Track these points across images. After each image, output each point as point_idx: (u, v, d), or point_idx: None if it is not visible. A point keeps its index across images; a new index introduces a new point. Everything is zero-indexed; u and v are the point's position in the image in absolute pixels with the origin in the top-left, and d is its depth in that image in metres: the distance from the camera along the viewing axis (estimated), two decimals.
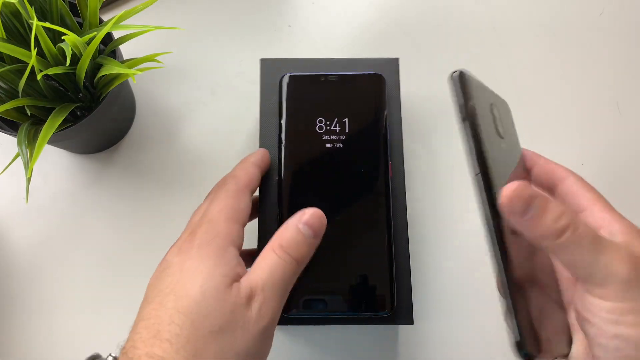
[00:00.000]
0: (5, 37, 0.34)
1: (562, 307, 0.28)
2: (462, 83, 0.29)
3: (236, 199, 0.31)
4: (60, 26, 0.33)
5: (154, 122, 0.47)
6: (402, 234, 0.36)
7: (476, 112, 0.28)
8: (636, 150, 0.46)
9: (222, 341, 0.26)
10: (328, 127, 0.37)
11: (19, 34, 0.36)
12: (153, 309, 0.27)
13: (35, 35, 0.31)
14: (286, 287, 0.29)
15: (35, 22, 0.30)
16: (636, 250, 0.25)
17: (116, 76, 0.36)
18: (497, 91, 0.43)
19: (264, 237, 0.36)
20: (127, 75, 0.35)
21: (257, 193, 0.36)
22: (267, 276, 0.28)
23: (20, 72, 0.34)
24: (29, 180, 0.33)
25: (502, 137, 0.29)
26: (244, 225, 0.31)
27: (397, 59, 0.40)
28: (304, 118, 0.37)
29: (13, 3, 0.32)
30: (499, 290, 0.25)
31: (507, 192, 0.23)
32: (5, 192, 0.45)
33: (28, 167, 0.33)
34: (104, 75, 0.36)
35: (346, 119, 0.37)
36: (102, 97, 0.38)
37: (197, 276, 0.27)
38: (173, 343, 0.25)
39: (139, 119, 0.47)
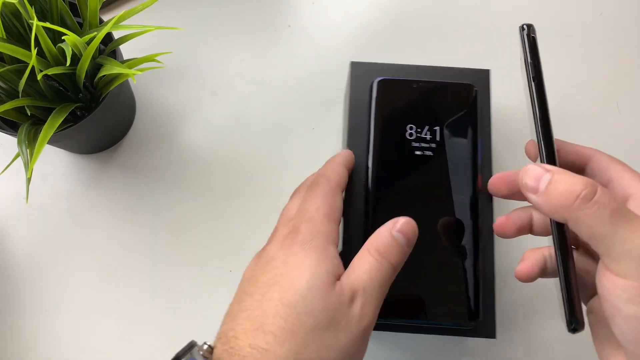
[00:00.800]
0: (5, 37, 0.34)
1: None
2: (532, 40, 0.30)
3: (331, 198, 0.31)
4: (61, 26, 0.33)
5: (154, 122, 0.47)
6: (489, 245, 0.36)
7: (542, 72, 0.30)
8: (636, 150, 0.46)
9: (326, 337, 0.26)
10: (418, 134, 0.36)
11: (19, 34, 0.36)
12: (256, 300, 0.27)
13: (36, 35, 0.31)
14: (383, 290, 0.28)
15: (35, 22, 0.30)
16: None
17: (116, 76, 0.36)
18: None
19: (349, 239, 0.35)
20: (127, 75, 0.35)
21: None
22: (367, 278, 0.28)
23: (21, 72, 0.34)
24: (29, 180, 0.33)
25: None
26: (339, 224, 0.31)
27: (488, 71, 0.39)
28: (394, 123, 0.37)
29: (13, 3, 0.32)
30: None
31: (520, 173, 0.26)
32: (5, 192, 0.45)
33: (28, 167, 0.33)
34: (104, 75, 0.36)
35: (437, 127, 0.36)
36: (102, 97, 0.38)
37: (303, 271, 0.27)
38: (277, 336, 0.25)
39: (139, 119, 0.47)
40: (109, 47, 0.38)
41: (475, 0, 0.51)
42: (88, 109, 0.40)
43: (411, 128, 0.36)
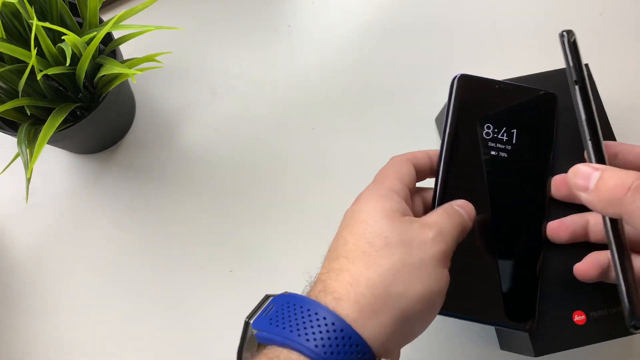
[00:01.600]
0: (5, 37, 0.34)
1: None
2: (574, 44, 0.31)
3: (399, 165, 0.33)
4: (60, 26, 0.33)
5: (154, 122, 0.47)
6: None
7: (586, 75, 0.31)
8: None
9: (397, 253, 0.27)
10: (495, 135, 0.36)
11: (19, 34, 0.36)
12: (333, 243, 0.29)
13: (35, 35, 0.31)
14: (453, 237, 0.30)
15: (35, 22, 0.30)
16: None
17: (116, 76, 0.36)
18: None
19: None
20: (127, 75, 0.35)
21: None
22: (439, 220, 0.30)
23: (20, 72, 0.34)
24: (28, 180, 0.33)
25: None
26: (408, 186, 0.32)
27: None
28: (472, 120, 0.36)
29: (13, 3, 0.32)
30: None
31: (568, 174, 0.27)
32: (5, 192, 0.45)
33: (28, 167, 0.33)
34: (103, 75, 0.36)
35: (514, 130, 0.36)
36: (102, 97, 0.38)
37: (367, 209, 0.29)
38: (349, 258, 0.27)
39: (139, 119, 0.47)
40: (109, 47, 0.38)
41: (473, 1, 0.51)
42: (88, 109, 0.40)
43: (489, 127, 0.36)
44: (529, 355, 0.35)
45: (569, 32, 0.31)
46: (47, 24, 0.31)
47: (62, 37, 0.32)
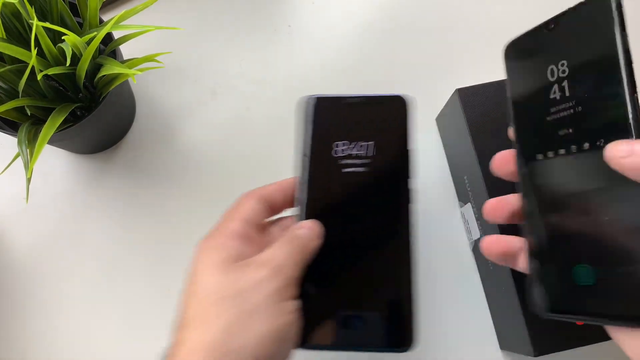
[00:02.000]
0: (5, 37, 0.34)
1: None
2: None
3: (242, 203, 0.33)
4: (61, 26, 0.33)
5: (154, 122, 0.47)
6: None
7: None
8: None
9: (233, 305, 0.27)
10: (351, 151, 0.36)
11: (19, 34, 0.36)
12: (179, 307, 0.29)
13: (36, 35, 0.31)
14: (293, 264, 0.30)
15: (35, 22, 0.30)
16: None
17: (116, 76, 0.36)
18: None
19: None
20: (127, 75, 0.35)
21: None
22: (272, 253, 0.30)
23: (21, 72, 0.34)
24: (29, 180, 0.33)
25: None
26: (253, 222, 0.32)
27: None
28: (327, 140, 0.36)
29: (13, 3, 0.32)
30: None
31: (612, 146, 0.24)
32: (6, 192, 0.45)
33: (28, 167, 0.33)
34: (104, 75, 0.36)
35: (370, 143, 0.36)
36: (102, 97, 0.38)
37: (200, 267, 0.29)
38: (189, 326, 0.27)
39: (139, 119, 0.47)
40: (109, 47, 0.38)
41: (472, 1, 0.51)
42: (88, 109, 0.40)
43: (344, 144, 0.35)
44: (529, 355, 0.35)
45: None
46: (48, 24, 0.31)
47: (63, 37, 0.32)
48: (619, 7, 0.26)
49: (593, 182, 0.26)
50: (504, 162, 0.31)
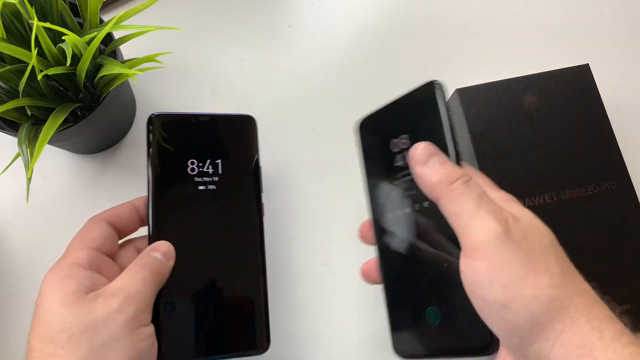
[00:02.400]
0: (5, 37, 0.34)
1: None
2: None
3: (88, 229, 0.33)
4: (61, 26, 0.33)
5: None
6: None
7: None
8: (634, 148, 0.46)
9: (85, 341, 0.26)
10: (201, 169, 0.36)
11: (19, 34, 0.36)
12: (26, 349, 0.28)
13: (36, 35, 0.31)
14: (146, 287, 0.30)
15: (35, 22, 0.30)
16: (512, 211, 0.26)
17: (116, 76, 0.36)
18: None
19: None
20: (127, 75, 0.35)
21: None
22: (125, 280, 0.29)
23: (21, 72, 0.34)
24: (29, 180, 0.33)
25: None
26: (101, 248, 0.32)
27: (587, 65, 0.40)
28: (175, 159, 0.36)
29: (13, 3, 0.32)
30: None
31: (417, 145, 0.29)
32: (6, 192, 0.45)
33: (28, 167, 0.33)
34: (104, 76, 0.36)
35: (219, 160, 0.36)
36: (102, 97, 0.38)
37: (47, 303, 0.28)
38: None
39: (139, 119, 0.47)
40: (109, 47, 0.38)
41: (472, 2, 0.51)
42: (88, 109, 0.40)
43: (193, 163, 0.36)
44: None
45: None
46: (48, 24, 0.31)
47: (63, 38, 0.32)
48: (443, 92, 0.32)
49: (431, 233, 0.30)
50: (365, 231, 0.34)
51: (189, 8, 0.51)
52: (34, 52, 0.31)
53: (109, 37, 0.40)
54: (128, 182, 0.45)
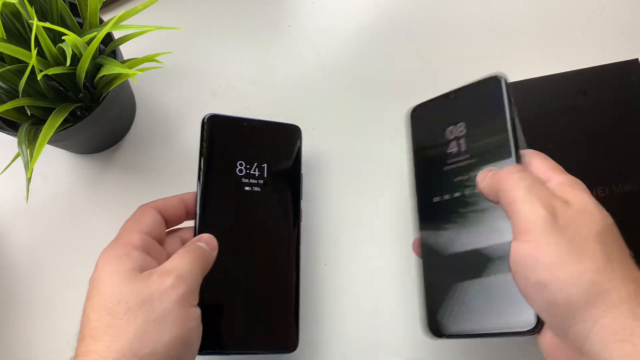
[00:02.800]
0: (5, 37, 0.34)
1: None
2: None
3: (140, 215, 0.35)
4: (61, 26, 0.33)
5: (154, 122, 0.47)
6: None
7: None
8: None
9: (141, 315, 0.28)
10: (248, 171, 0.38)
11: (19, 34, 0.36)
12: (80, 324, 0.30)
13: (36, 35, 0.31)
14: (195, 273, 0.31)
15: (35, 22, 0.30)
16: (569, 197, 0.28)
17: (116, 76, 0.36)
18: None
19: None
20: (127, 75, 0.35)
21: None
22: (177, 262, 0.31)
23: (21, 72, 0.34)
24: (29, 180, 0.33)
25: None
26: (152, 233, 0.33)
27: (636, 60, 0.39)
28: (226, 159, 0.38)
29: (13, 3, 0.32)
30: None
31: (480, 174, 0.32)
32: (6, 192, 0.45)
33: (28, 167, 0.33)
34: (104, 76, 0.36)
35: (265, 165, 0.38)
36: (102, 97, 0.38)
37: (104, 277, 0.30)
38: (94, 336, 0.28)
39: (139, 119, 0.47)
40: (109, 47, 0.38)
41: (472, 2, 0.51)
42: (88, 109, 0.40)
43: (241, 164, 0.38)
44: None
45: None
46: (48, 24, 0.31)
47: (63, 37, 0.32)
48: (508, 86, 0.34)
49: (478, 219, 0.33)
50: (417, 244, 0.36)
51: (189, 8, 0.51)
52: (34, 52, 0.31)
53: (108, 37, 0.40)
54: (128, 182, 0.45)
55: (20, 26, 0.35)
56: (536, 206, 0.27)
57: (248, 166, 0.38)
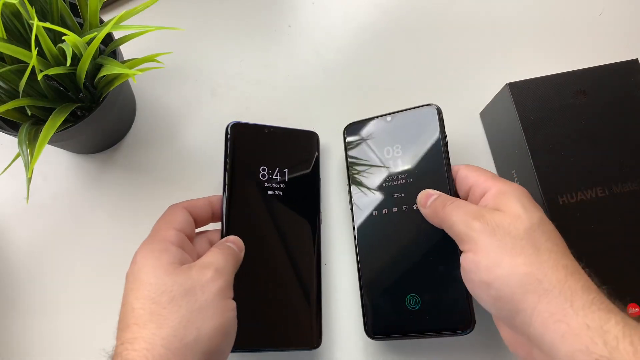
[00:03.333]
0: (5, 37, 0.34)
1: None
2: None
3: (173, 213, 0.36)
4: (61, 26, 0.33)
5: (154, 122, 0.47)
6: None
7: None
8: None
9: (185, 305, 0.29)
10: (270, 176, 0.40)
11: (19, 34, 0.36)
12: (121, 314, 0.31)
13: (36, 35, 0.31)
14: (229, 268, 0.33)
15: (35, 23, 0.30)
16: (499, 204, 0.32)
17: (116, 76, 0.36)
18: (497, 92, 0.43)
19: None
20: (127, 75, 0.35)
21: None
22: (213, 258, 0.33)
23: (21, 72, 0.34)
24: (29, 180, 0.33)
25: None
26: (184, 232, 0.35)
27: (636, 60, 0.40)
28: (249, 164, 0.40)
29: (14, 3, 0.32)
30: None
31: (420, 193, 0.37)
32: (6, 192, 0.45)
33: (28, 167, 0.33)
34: (104, 76, 0.36)
35: (286, 170, 0.41)
36: (102, 97, 0.38)
37: (146, 268, 0.31)
38: (139, 323, 0.29)
39: (139, 119, 0.47)
40: (109, 47, 0.38)
41: (472, 2, 0.51)
42: (88, 109, 0.40)
43: (263, 170, 0.40)
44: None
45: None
46: (48, 25, 0.31)
47: (63, 38, 0.32)
48: (440, 114, 0.39)
49: (414, 231, 0.37)
50: None
51: (189, 8, 0.51)
52: (34, 52, 0.31)
53: (109, 37, 0.40)
54: (128, 182, 0.45)
55: (20, 26, 0.35)
56: (469, 222, 0.31)
57: (270, 171, 0.40)
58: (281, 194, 0.40)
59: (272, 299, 0.37)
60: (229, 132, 0.40)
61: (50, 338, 0.42)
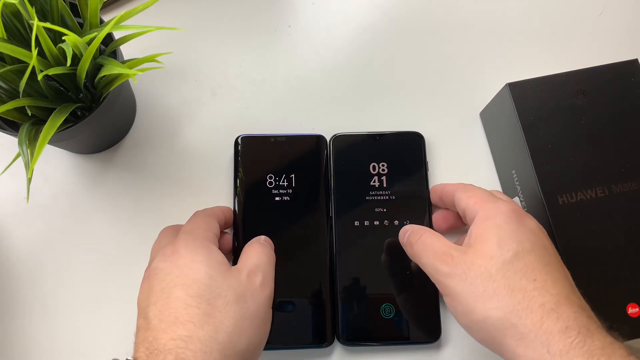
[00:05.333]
0: (5, 37, 0.34)
1: None
2: None
3: (208, 218, 0.37)
4: (61, 26, 0.33)
5: (154, 122, 0.47)
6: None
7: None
8: None
9: (237, 310, 0.30)
10: (277, 182, 0.42)
11: (19, 34, 0.36)
12: (162, 304, 0.30)
13: (36, 35, 0.31)
14: (272, 268, 0.34)
15: (35, 23, 0.30)
16: (471, 240, 0.31)
17: (117, 76, 0.36)
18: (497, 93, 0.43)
19: None
20: (127, 75, 0.35)
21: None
22: (257, 259, 0.34)
23: (21, 73, 0.34)
24: (29, 180, 0.33)
25: None
26: (216, 235, 0.36)
27: (636, 60, 0.40)
28: (257, 173, 0.42)
29: (14, 3, 0.32)
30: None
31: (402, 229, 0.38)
32: (6, 192, 0.45)
33: (29, 167, 0.33)
34: (104, 76, 0.36)
35: (292, 176, 0.42)
36: (102, 98, 0.38)
37: (197, 266, 0.31)
38: (195, 322, 0.29)
39: (139, 119, 0.47)
40: (110, 47, 0.38)
41: (472, 2, 0.51)
42: (89, 109, 0.40)
43: (271, 177, 0.42)
44: None
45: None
46: (48, 25, 0.31)
47: (63, 38, 0.32)
48: (425, 145, 0.43)
49: (395, 246, 0.39)
50: None
51: (189, 8, 0.51)
52: (34, 52, 0.31)
53: (109, 37, 0.40)
54: (128, 182, 0.45)
55: (20, 26, 0.35)
56: (437, 266, 0.31)
57: (277, 178, 0.42)
58: (289, 198, 0.42)
59: (286, 299, 0.39)
60: (237, 145, 0.43)
61: (50, 338, 0.42)
